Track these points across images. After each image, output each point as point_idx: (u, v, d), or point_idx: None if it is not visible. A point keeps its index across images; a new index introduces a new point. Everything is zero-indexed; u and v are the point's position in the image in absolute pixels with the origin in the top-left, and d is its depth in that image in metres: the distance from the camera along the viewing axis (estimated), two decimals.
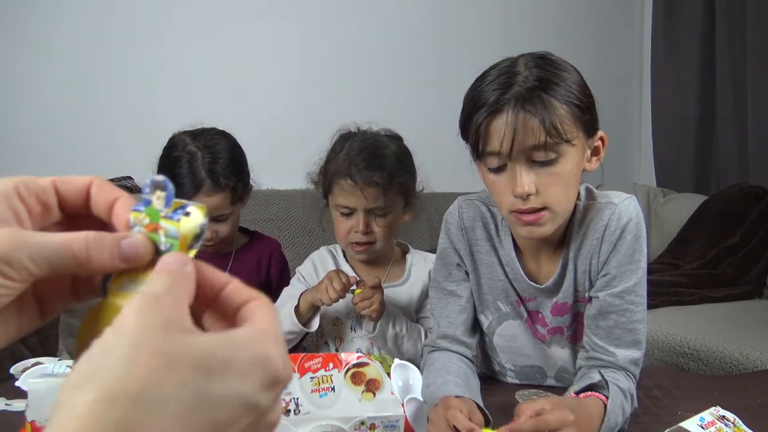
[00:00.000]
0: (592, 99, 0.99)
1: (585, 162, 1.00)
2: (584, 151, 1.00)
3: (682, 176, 3.21)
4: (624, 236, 1.03)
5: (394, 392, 0.90)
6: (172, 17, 2.56)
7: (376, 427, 0.88)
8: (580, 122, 0.96)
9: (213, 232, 1.46)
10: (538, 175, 0.95)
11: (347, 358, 0.88)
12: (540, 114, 0.91)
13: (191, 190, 1.41)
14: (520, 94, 0.92)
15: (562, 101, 0.93)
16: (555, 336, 1.16)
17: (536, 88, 0.92)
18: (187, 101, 2.56)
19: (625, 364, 1.04)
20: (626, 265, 1.03)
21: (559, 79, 0.94)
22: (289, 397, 0.86)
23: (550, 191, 0.95)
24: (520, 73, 0.95)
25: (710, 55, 3.09)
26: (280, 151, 2.62)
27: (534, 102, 0.92)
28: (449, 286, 1.17)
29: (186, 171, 1.42)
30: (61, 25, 2.40)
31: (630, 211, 1.04)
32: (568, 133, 0.94)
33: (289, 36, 2.77)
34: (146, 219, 0.37)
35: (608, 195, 1.06)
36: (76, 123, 2.42)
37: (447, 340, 1.16)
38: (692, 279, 2.47)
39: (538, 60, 0.97)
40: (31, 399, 0.87)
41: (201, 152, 1.43)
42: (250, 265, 1.58)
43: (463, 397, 1.01)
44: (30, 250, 0.34)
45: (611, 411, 0.94)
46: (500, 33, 2.99)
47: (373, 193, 1.32)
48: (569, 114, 0.94)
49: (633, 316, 1.04)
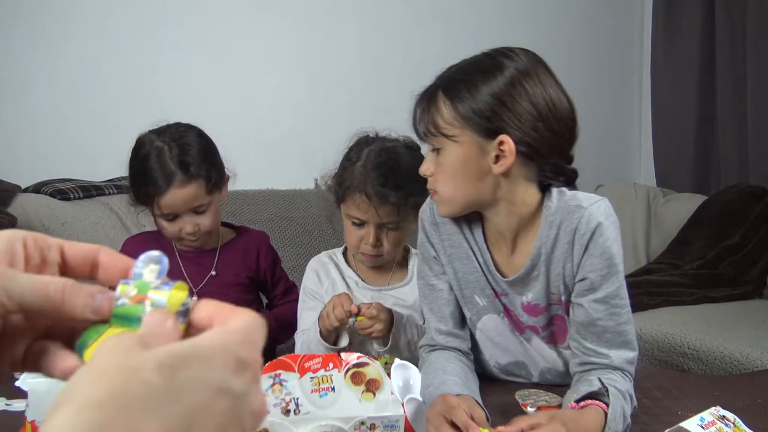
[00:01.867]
0: (499, 106, 1.01)
1: (491, 164, 1.02)
2: (479, 151, 1.02)
3: (682, 176, 3.21)
4: (594, 239, 1.03)
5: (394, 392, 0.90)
6: (173, 18, 2.56)
7: (376, 427, 0.88)
8: (468, 122, 1.02)
9: (195, 225, 1.46)
10: (435, 161, 1.07)
11: (347, 358, 0.88)
12: (426, 110, 1.06)
13: (164, 184, 1.42)
14: (427, 90, 1.07)
15: (454, 103, 1.02)
16: (533, 333, 1.16)
17: (437, 87, 1.05)
18: (187, 101, 2.56)
19: (620, 364, 1.04)
20: (603, 269, 1.03)
21: (463, 84, 1.02)
22: (289, 397, 0.86)
23: (436, 176, 1.08)
24: (447, 70, 1.07)
25: (710, 55, 3.09)
26: (280, 151, 2.63)
27: (426, 98, 1.07)
28: (431, 280, 1.19)
29: (156, 166, 1.43)
30: (63, 27, 2.40)
31: (599, 213, 1.03)
32: (446, 130, 1.03)
33: (290, 36, 2.77)
34: (133, 291, 0.37)
35: (578, 198, 1.06)
36: (76, 123, 2.42)
37: (442, 335, 1.18)
38: (692, 279, 2.47)
39: (465, 62, 1.07)
40: (31, 399, 0.87)
41: (168, 146, 1.44)
42: (237, 260, 1.57)
43: (462, 395, 1.01)
44: (7, 283, 0.36)
45: (612, 419, 0.94)
46: (500, 33, 2.98)
47: (387, 211, 1.32)
48: (453, 114, 1.02)
49: (620, 319, 1.05)
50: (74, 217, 2.11)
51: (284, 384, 0.86)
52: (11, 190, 2.10)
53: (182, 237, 1.48)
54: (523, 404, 1.09)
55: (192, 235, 1.47)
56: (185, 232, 1.47)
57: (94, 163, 2.38)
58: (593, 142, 3.19)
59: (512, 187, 1.05)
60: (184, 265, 1.55)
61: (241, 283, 1.58)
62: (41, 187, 2.18)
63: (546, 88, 1.02)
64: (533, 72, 1.02)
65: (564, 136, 1.03)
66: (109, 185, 2.29)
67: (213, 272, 1.55)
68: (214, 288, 1.54)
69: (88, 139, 2.43)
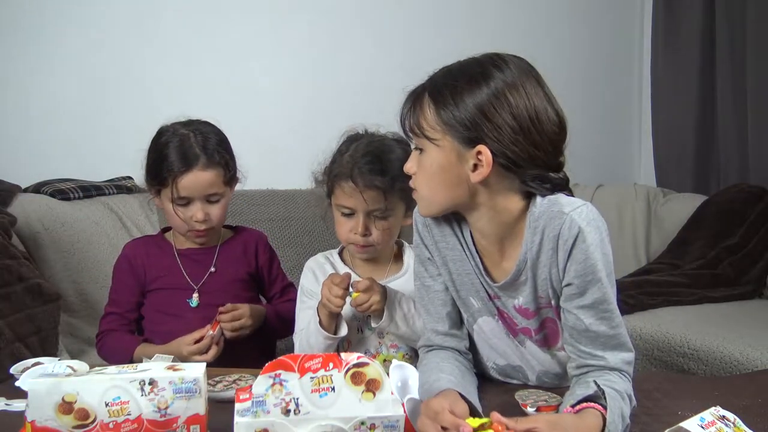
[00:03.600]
0: (480, 117, 1.01)
1: (469, 172, 1.03)
2: (457, 158, 1.03)
3: (682, 176, 3.21)
4: (577, 245, 1.02)
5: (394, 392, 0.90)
6: (173, 18, 2.56)
7: (376, 427, 0.88)
8: (449, 129, 1.02)
9: (205, 213, 1.50)
10: (417, 160, 1.09)
11: (347, 358, 0.88)
12: (412, 109, 1.08)
13: (186, 165, 1.46)
14: (416, 90, 1.08)
15: (438, 108, 1.03)
16: (527, 337, 1.16)
17: (425, 89, 1.06)
18: (188, 101, 2.54)
19: (617, 365, 1.04)
20: (588, 275, 1.02)
21: (448, 90, 1.03)
22: (290, 397, 0.86)
23: (417, 175, 1.10)
24: (437, 72, 1.08)
25: (710, 55, 3.08)
26: (280, 150, 2.63)
27: (413, 98, 1.08)
28: (427, 281, 1.20)
29: (178, 148, 1.48)
30: (63, 27, 2.40)
31: (581, 219, 1.02)
32: (428, 132, 1.04)
33: (291, 36, 2.77)
34: None
35: (560, 203, 1.04)
36: (77, 123, 2.42)
37: (439, 336, 1.18)
38: (692, 279, 2.47)
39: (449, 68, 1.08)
40: (31, 399, 0.87)
41: (192, 134, 1.50)
42: (235, 257, 1.61)
43: (444, 391, 1.01)
44: None
45: (611, 422, 0.93)
46: (500, 33, 2.99)
47: (373, 196, 1.35)
48: (436, 118, 1.03)
49: (611, 323, 1.05)
50: (74, 217, 2.11)
51: (284, 384, 0.86)
52: (11, 190, 2.10)
53: (191, 226, 1.51)
54: (522, 404, 1.09)
55: (201, 224, 1.50)
56: (195, 219, 1.50)
57: (94, 163, 2.38)
58: (593, 142, 3.18)
59: (492, 195, 1.05)
60: (184, 264, 1.57)
61: (241, 279, 1.61)
62: (41, 187, 2.18)
63: (531, 99, 1.01)
64: (520, 83, 1.01)
65: (546, 149, 1.02)
66: (109, 185, 2.29)
67: (212, 269, 1.57)
68: (215, 285, 1.56)
69: (88, 139, 2.43)
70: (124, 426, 0.88)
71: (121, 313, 1.57)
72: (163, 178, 1.48)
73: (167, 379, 0.89)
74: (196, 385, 0.90)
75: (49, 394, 0.87)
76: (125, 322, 1.57)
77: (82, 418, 0.87)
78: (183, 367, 0.92)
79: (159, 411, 0.89)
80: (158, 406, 0.89)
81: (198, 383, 0.90)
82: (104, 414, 0.87)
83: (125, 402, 0.88)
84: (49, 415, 0.87)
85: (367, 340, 1.45)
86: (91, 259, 2.09)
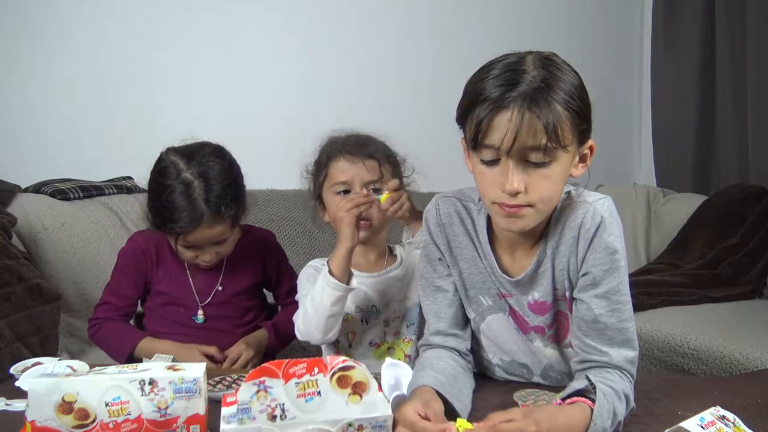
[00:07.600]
0: (590, 108, 1.00)
1: (572, 167, 1.02)
2: (574, 157, 1.02)
3: (682, 176, 3.21)
4: (599, 234, 1.03)
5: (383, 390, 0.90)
6: (173, 19, 2.56)
7: (363, 428, 0.88)
8: (577, 130, 0.98)
9: (215, 253, 1.47)
10: (530, 175, 0.97)
11: (332, 362, 0.88)
12: (545, 117, 0.92)
13: (192, 224, 1.37)
14: (527, 94, 0.93)
15: (565, 107, 0.95)
16: (537, 334, 1.16)
17: (542, 90, 0.93)
18: (187, 102, 2.56)
19: (620, 363, 1.04)
20: (606, 264, 1.03)
21: (564, 84, 0.96)
22: (275, 403, 0.86)
23: (537, 191, 0.97)
24: (528, 72, 0.95)
25: (710, 56, 3.09)
26: (280, 151, 2.61)
27: (540, 104, 0.93)
28: (436, 281, 1.19)
29: (184, 204, 1.37)
30: (63, 27, 2.40)
31: (604, 209, 1.04)
32: (566, 139, 0.95)
33: (289, 37, 2.77)
34: None
35: (583, 194, 1.07)
36: (77, 123, 2.43)
37: (440, 336, 1.18)
38: (692, 279, 2.47)
39: (545, 61, 0.98)
40: (31, 399, 0.87)
41: (197, 181, 1.38)
42: (245, 257, 1.59)
43: (420, 389, 1.00)
44: None
45: (598, 416, 0.93)
46: (499, 33, 2.99)
47: (371, 164, 1.39)
48: (569, 120, 0.95)
49: (621, 316, 1.05)
50: (74, 217, 2.11)
51: (269, 390, 0.86)
52: (11, 190, 2.10)
53: (197, 262, 1.50)
54: (522, 405, 1.09)
55: (208, 262, 1.49)
56: (203, 260, 1.48)
57: (94, 163, 2.38)
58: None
59: (563, 189, 1.05)
60: (192, 273, 1.55)
61: (245, 291, 1.60)
62: (41, 187, 2.18)
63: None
64: None
65: None
66: (109, 185, 2.29)
67: (219, 287, 1.56)
68: (220, 297, 1.56)
69: (88, 139, 2.44)
70: (124, 426, 0.88)
71: (120, 306, 1.56)
72: (168, 230, 1.42)
73: (167, 379, 0.89)
74: (196, 385, 0.90)
75: (49, 394, 0.87)
76: (122, 314, 1.56)
77: (82, 418, 0.87)
78: (183, 367, 0.92)
79: (159, 411, 0.89)
80: (158, 406, 0.89)
81: (198, 383, 0.90)
82: (104, 414, 0.87)
83: (125, 402, 0.88)
84: (49, 415, 0.87)
85: (372, 330, 1.45)
86: (91, 259, 2.09)
